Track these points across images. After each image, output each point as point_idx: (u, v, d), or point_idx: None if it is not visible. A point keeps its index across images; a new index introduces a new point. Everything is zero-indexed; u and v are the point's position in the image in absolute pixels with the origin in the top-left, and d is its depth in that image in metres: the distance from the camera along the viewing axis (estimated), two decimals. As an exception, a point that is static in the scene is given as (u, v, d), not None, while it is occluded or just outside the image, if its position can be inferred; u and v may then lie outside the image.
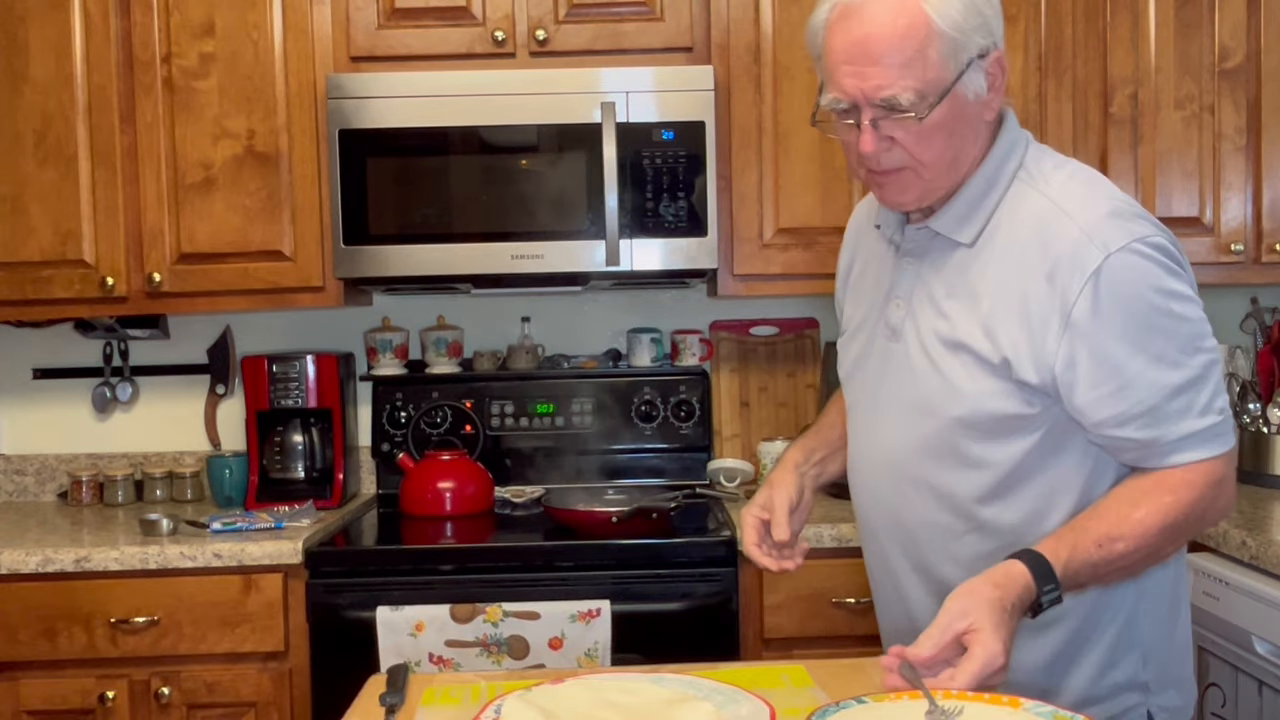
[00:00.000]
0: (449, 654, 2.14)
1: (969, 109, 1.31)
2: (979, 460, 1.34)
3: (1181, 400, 1.25)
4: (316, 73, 2.50)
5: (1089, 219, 1.27)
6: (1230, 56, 2.55)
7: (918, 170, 1.32)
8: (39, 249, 2.50)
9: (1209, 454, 1.26)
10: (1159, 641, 1.41)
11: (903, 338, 1.40)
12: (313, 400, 2.66)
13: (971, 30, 1.29)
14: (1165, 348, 1.25)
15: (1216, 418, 1.26)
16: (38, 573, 2.23)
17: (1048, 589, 1.21)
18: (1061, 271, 1.26)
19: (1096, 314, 1.25)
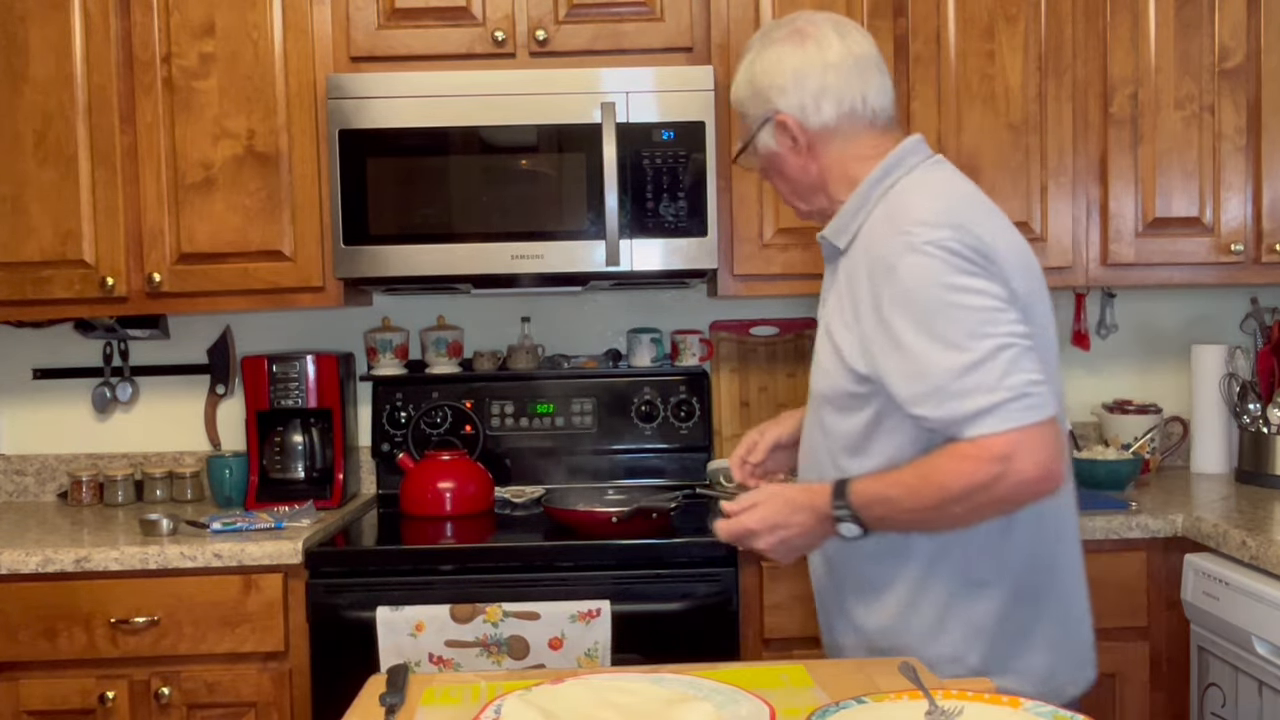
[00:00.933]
0: (449, 654, 2.14)
1: (776, 160, 1.64)
2: (831, 430, 1.58)
3: (969, 380, 1.38)
4: (316, 73, 2.50)
5: (901, 225, 1.47)
6: (1230, 56, 2.55)
7: (786, 198, 1.72)
8: (39, 249, 2.50)
9: (995, 429, 1.37)
10: (994, 622, 1.53)
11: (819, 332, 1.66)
12: (313, 400, 2.66)
13: (746, 101, 1.65)
14: (950, 333, 1.40)
15: (1005, 394, 1.37)
16: (38, 573, 2.23)
17: (838, 504, 1.48)
18: (876, 270, 1.47)
19: (894, 307, 1.44)
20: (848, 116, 1.58)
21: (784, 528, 1.53)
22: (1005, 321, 1.40)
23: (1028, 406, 1.36)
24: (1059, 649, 1.57)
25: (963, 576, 1.53)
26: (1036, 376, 1.38)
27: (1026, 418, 1.36)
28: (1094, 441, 2.79)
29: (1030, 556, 1.54)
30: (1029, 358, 1.39)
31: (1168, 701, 2.30)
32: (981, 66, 2.54)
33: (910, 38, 2.54)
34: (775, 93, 1.60)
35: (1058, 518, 1.57)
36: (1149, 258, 2.58)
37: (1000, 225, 1.53)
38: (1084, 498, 2.39)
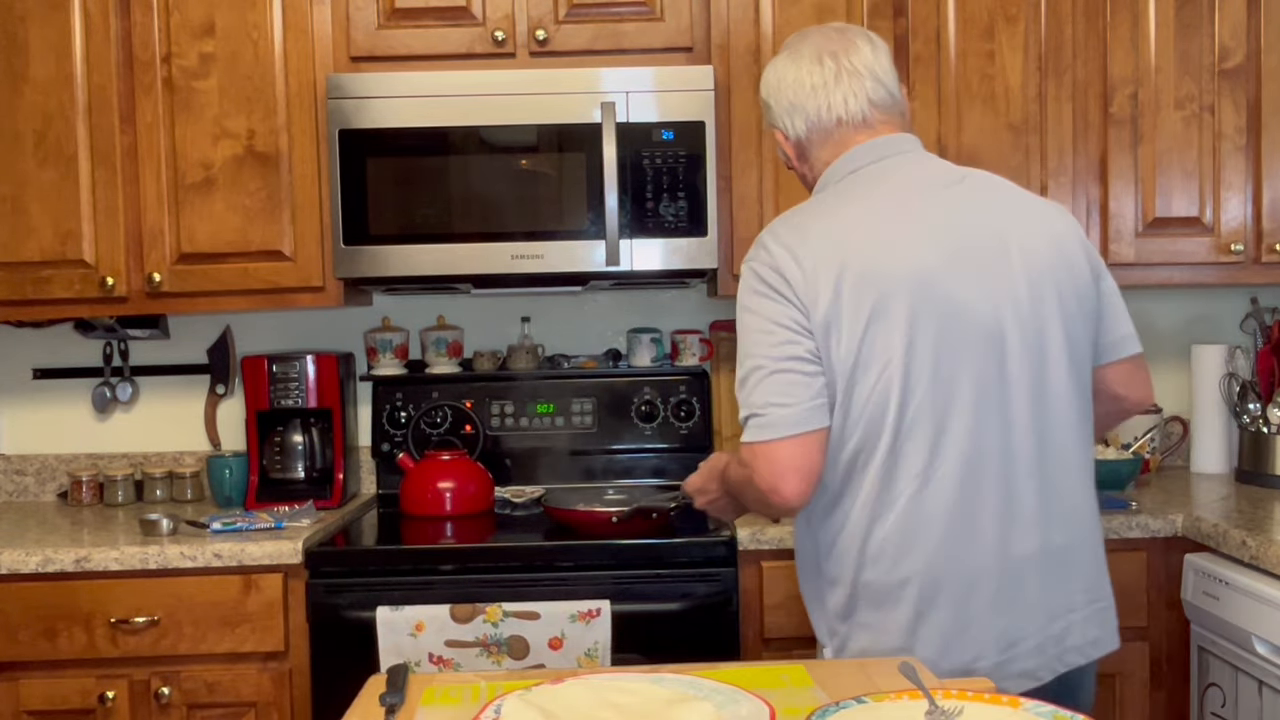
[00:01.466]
0: (449, 654, 2.14)
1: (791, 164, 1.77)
2: None
3: (739, 393, 1.58)
4: (316, 73, 2.50)
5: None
6: (1230, 56, 2.55)
7: None
8: (39, 249, 2.50)
9: (744, 439, 1.56)
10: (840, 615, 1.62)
11: None
12: (313, 400, 2.66)
13: (765, 117, 1.78)
14: (739, 349, 1.59)
15: (747, 411, 1.55)
16: (38, 573, 2.23)
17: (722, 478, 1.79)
18: None
19: None
20: (815, 128, 1.69)
21: (705, 492, 1.86)
22: (768, 344, 1.54)
23: (759, 425, 1.53)
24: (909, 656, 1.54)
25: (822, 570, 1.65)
26: (774, 399, 1.51)
27: (758, 435, 1.53)
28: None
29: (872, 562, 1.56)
30: (775, 381, 1.52)
31: (1168, 701, 2.30)
32: (981, 66, 2.54)
33: (910, 38, 2.54)
34: (766, 110, 1.76)
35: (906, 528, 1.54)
36: (1149, 258, 2.58)
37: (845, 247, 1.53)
38: (1084, 498, 2.40)
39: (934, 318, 1.51)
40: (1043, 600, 1.58)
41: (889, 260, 1.53)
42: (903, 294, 1.51)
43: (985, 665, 1.55)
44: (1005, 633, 1.55)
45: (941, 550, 1.54)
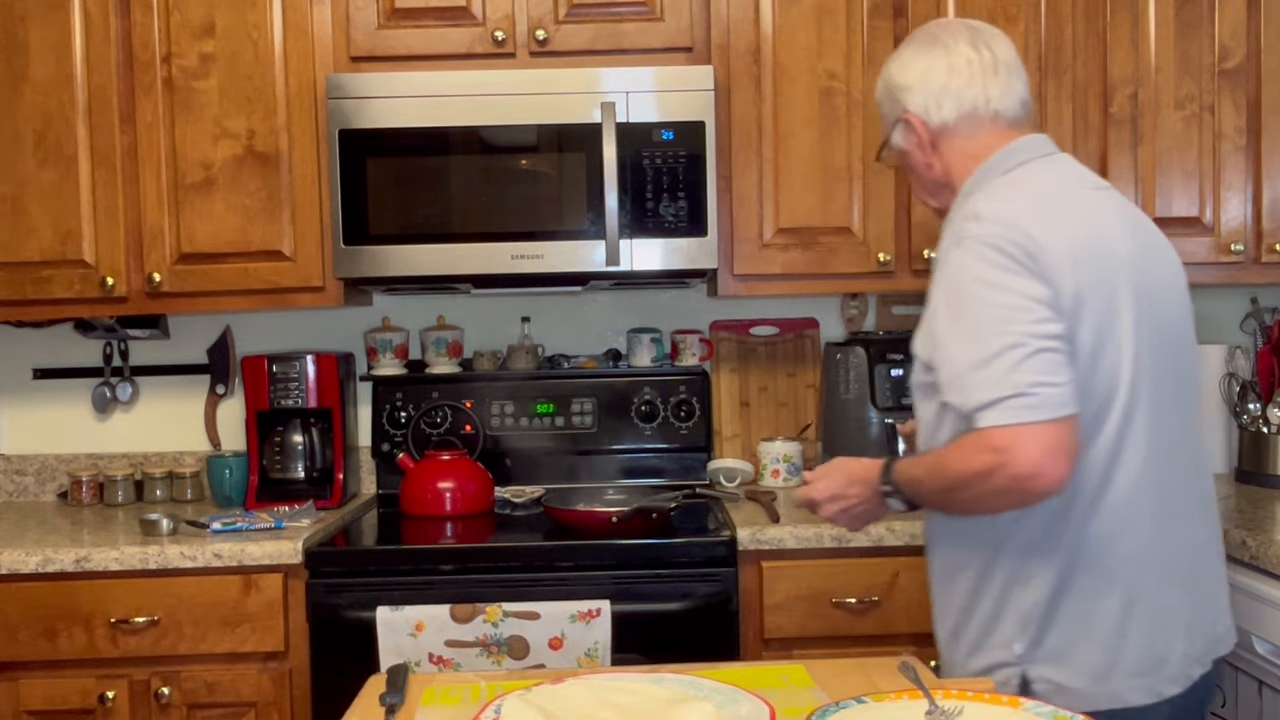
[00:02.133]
0: (449, 654, 2.14)
1: (907, 154, 1.73)
2: (919, 417, 1.66)
3: (980, 374, 1.43)
4: (316, 73, 2.50)
5: (962, 221, 1.55)
6: (1230, 56, 2.55)
7: (917, 193, 1.79)
8: (39, 249, 2.50)
9: (996, 422, 1.41)
10: (1043, 610, 1.53)
11: None
12: (313, 400, 2.66)
13: (884, 102, 1.74)
14: (970, 327, 1.46)
15: (1008, 391, 1.40)
16: (38, 573, 2.23)
17: (884, 481, 1.60)
18: (935, 265, 1.59)
19: (939, 299, 1.52)
20: (968, 116, 1.65)
21: (842, 498, 1.67)
22: (1027, 321, 1.43)
23: (1028, 405, 1.39)
24: (1116, 650, 1.52)
25: (1020, 566, 1.54)
26: (1045, 378, 1.41)
27: (1024, 416, 1.39)
28: (1094, 441, 2.78)
29: (1083, 552, 1.52)
30: (1041, 359, 1.41)
31: (1168, 701, 2.29)
32: (981, 66, 2.54)
33: (910, 38, 2.54)
34: (904, 93, 1.68)
35: (1128, 518, 1.52)
36: (1149, 258, 2.57)
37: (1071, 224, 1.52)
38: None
39: (1145, 304, 1.54)
40: (1211, 591, 1.63)
41: (1106, 244, 1.53)
42: (1124, 278, 1.52)
43: (1178, 654, 1.55)
44: (1191, 622, 1.58)
45: (1151, 539, 1.54)
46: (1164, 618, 1.54)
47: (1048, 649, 1.53)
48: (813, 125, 2.53)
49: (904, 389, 2.57)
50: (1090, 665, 1.51)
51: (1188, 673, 1.55)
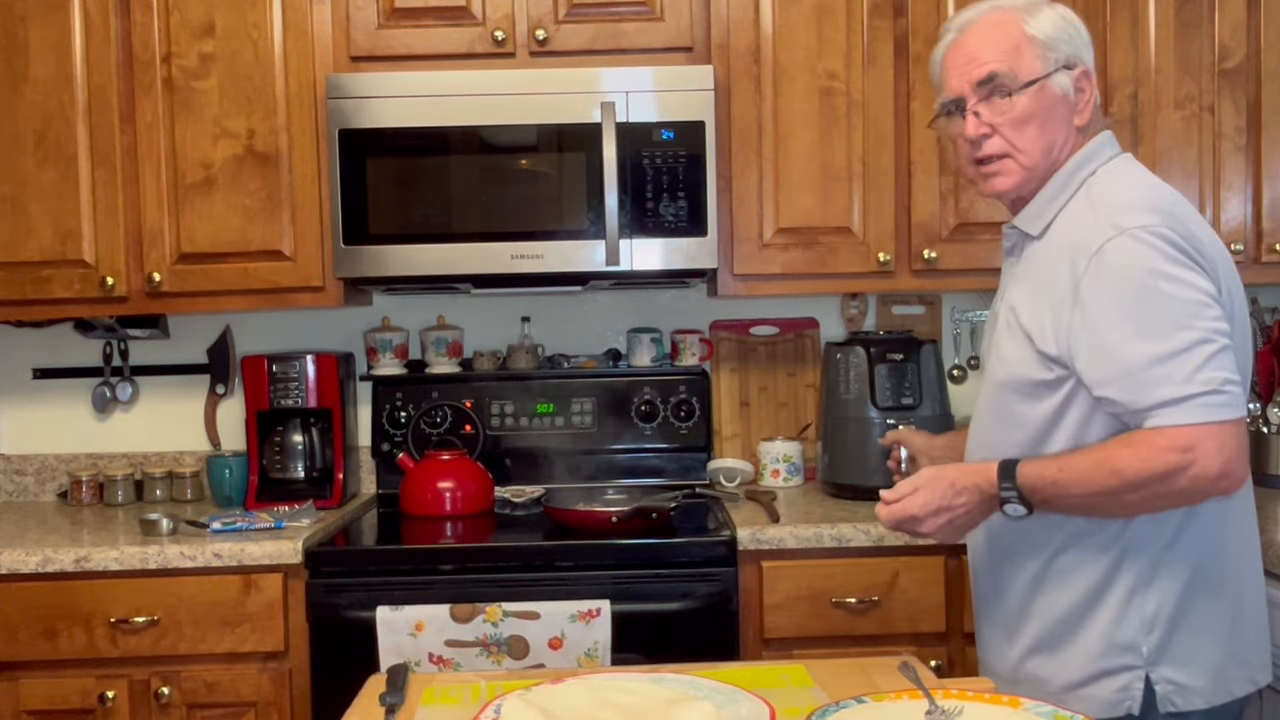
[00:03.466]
0: (449, 654, 2.14)
1: (1059, 107, 1.56)
2: (1021, 418, 1.55)
3: (1161, 369, 1.38)
4: (316, 73, 2.50)
5: (1108, 211, 1.48)
6: (1230, 56, 2.55)
7: (1015, 157, 1.57)
8: (39, 249, 2.50)
9: (1183, 420, 1.36)
10: (1171, 611, 1.49)
11: (996, 324, 1.65)
12: (313, 400, 2.66)
13: (1061, 40, 1.56)
14: (1150, 321, 1.40)
15: (1199, 389, 1.36)
16: (38, 572, 2.23)
17: (1005, 485, 1.46)
18: (1079, 254, 1.47)
19: (1096, 289, 1.44)
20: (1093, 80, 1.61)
21: (949, 510, 1.51)
22: (1209, 317, 1.40)
23: (1220, 404, 1.36)
24: (1229, 644, 1.53)
25: (1148, 568, 1.51)
26: (1233, 376, 1.39)
27: (1216, 414, 1.36)
28: (1094, 441, 2.78)
29: (1209, 550, 1.51)
30: (1227, 356, 1.39)
31: (1168, 701, 2.29)
32: (981, 66, 2.54)
33: (910, 37, 2.54)
34: (1085, 48, 1.60)
35: (1238, 514, 1.54)
36: (1149, 257, 2.57)
37: (1205, 223, 1.55)
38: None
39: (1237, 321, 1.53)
40: None
41: (1220, 244, 1.55)
42: (1234, 278, 1.54)
43: (1264, 658, 1.58)
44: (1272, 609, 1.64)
45: (1252, 534, 1.58)
46: (1263, 608, 1.59)
47: (1175, 650, 1.50)
48: (812, 125, 2.53)
49: (904, 388, 2.56)
50: (1211, 663, 1.50)
51: (1274, 659, 1.61)
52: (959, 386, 2.90)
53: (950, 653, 2.29)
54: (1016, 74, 1.54)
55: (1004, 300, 1.64)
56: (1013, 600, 1.61)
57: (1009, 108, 1.55)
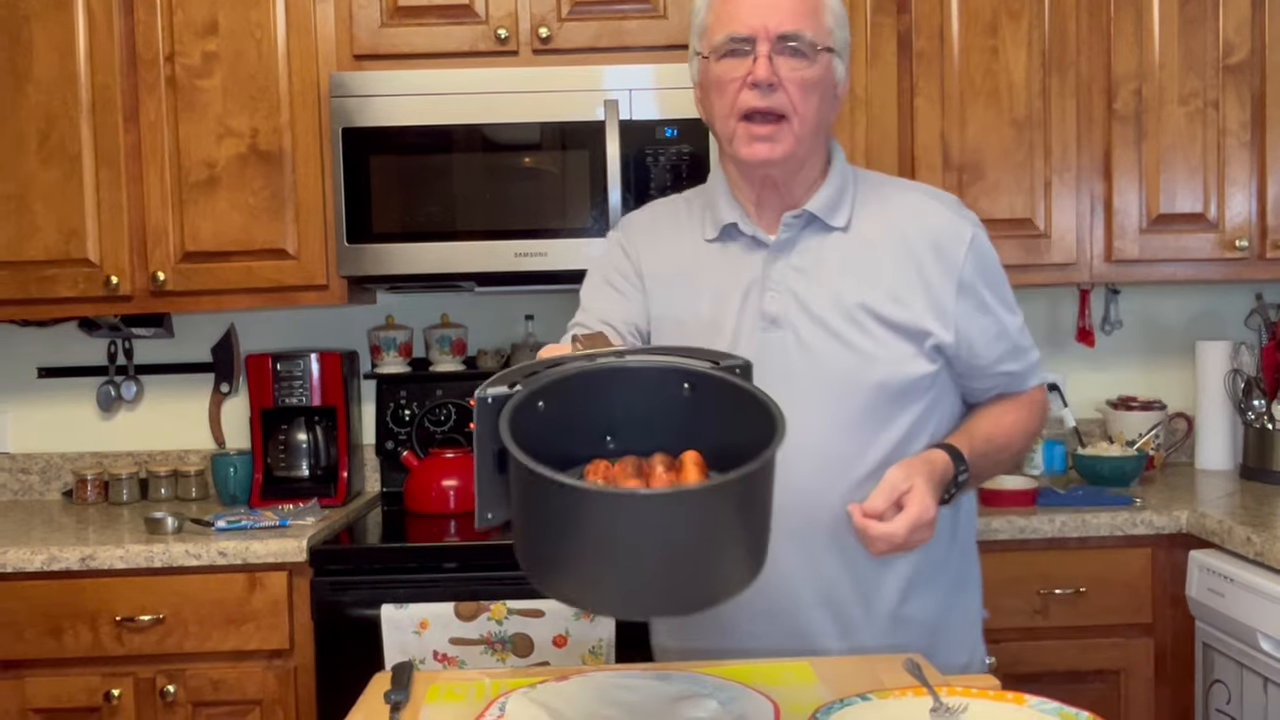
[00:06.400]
0: (453, 652, 2.15)
1: (835, 88, 1.53)
2: (892, 423, 1.49)
3: (1025, 338, 1.58)
4: (320, 71, 2.50)
5: (950, 205, 1.56)
6: (1235, 52, 2.54)
7: (793, 123, 1.47)
8: (43, 248, 2.51)
9: (1042, 380, 1.63)
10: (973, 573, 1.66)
11: (786, 324, 1.50)
12: (317, 398, 2.66)
13: (843, 25, 1.52)
14: (1008, 298, 1.57)
15: (1036, 352, 1.61)
16: (43, 571, 2.23)
17: (961, 469, 1.44)
18: (947, 244, 1.51)
19: (976, 277, 1.51)
20: None
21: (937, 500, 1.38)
22: None
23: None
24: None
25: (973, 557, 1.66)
26: None
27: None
28: (1098, 438, 2.78)
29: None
30: None
31: (1173, 698, 2.29)
32: (985, 62, 2.54)
33: (914, 34, 2.54)
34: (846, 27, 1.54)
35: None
36: (1153, 254, 2.57)
37: None
38: (1088, 494, 2.40)
39: None
40: None
41: None
42: None
43: None
44: None
45: None
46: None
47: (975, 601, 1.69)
48: (816, 122, 2.52)
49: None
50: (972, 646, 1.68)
51: None
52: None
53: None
54: (816, 42, 1.47)
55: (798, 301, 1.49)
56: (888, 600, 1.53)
57: (803, 68, 1.46)
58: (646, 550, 0.96)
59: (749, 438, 1.04)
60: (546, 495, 0.97)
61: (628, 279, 1.63)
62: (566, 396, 1.11)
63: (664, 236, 1.64)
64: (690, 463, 1.08)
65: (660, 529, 0.96)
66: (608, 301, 1.62)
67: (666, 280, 1.59)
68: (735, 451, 1.03)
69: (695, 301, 1.55)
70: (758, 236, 1.54)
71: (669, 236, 1.63)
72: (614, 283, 1.65)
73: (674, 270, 1.59)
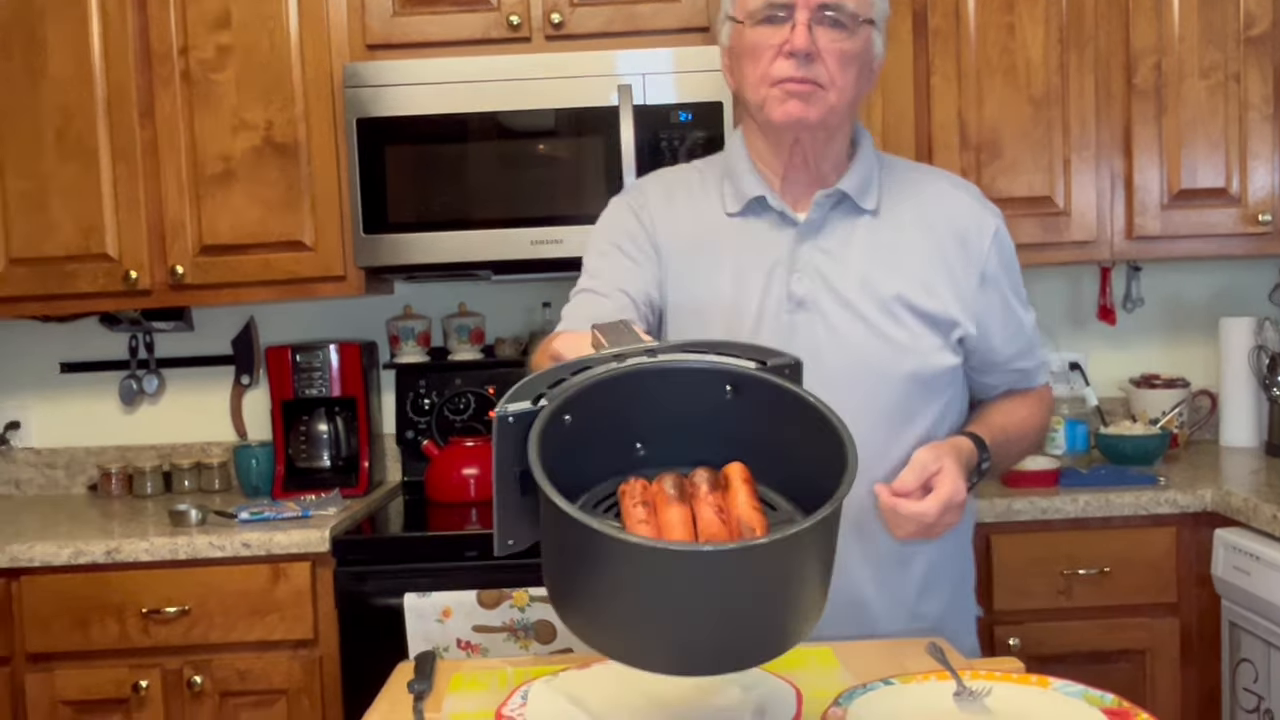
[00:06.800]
0: (476, 639, 2.15)
1: (872, 62, 1.48)
2: (919, 417, 1.46)
3: (1037, 335, 1.59)
4: (333, 62, 2.50)
5: (974, 195, 1.55)
6: (1256, 24, 2.50)
7: (830, 91, 1.42)
8: (62, 244, 2.52)
9: (1048, 378, 1.65)
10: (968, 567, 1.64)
11: (814, 308, 1.45)
12: (336, 389, 2.67)
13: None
14: (1024, 295, 1.57)
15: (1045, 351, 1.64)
16: (70, 565, 2.25)
17: (984, 456, 1.43)
18: (973, 236, 1.49)
19: (999, 269, 1.51)
20: None
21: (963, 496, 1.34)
22: None
23: None
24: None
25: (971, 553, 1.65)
26: None
27: None
28: (1121, 416, 2.76)
29: None
30: None
31: (1199, 677, 2.28)
32: (1002, 40, 2.51)
33: (929, 12, 2.51)
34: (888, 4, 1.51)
35: None
36: (1175, 230, 2.54)
37: None
38: (1112, 473, 2.39)
39: None
40: None
41: None
42: None
43: None
44: None
45: None
46: None
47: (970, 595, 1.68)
48: (831, 103, 2.50)
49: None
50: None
51: None
52: (983, 364, 2.87)
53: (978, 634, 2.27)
54: (858, 14, 1.42)
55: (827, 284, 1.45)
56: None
57: (843, 39, 1.41)
58: (708, 609, 0.86)
59: (801, 448, 0.95)
60: (593, 547, 0.86)
61: (639, 246, 1.52)
62: (593, 404, 0.97)
63: (680, 206, 1.54)
64: (737, 480, 0.97)
65: (725, 584, 0.85)
66: (620, 269, 1.50)
67: (683, 253, 1.51)
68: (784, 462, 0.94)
69: (714, 278, 1.49)
70: (786, 213, 1.49)
71: (685, 207, 1.54)
72: (624, 248, 1.52)
73: (691, 243, 1.51)
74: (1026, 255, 2.54)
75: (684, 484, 0.98)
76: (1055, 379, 2.87)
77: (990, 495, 2.28)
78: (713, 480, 0.97)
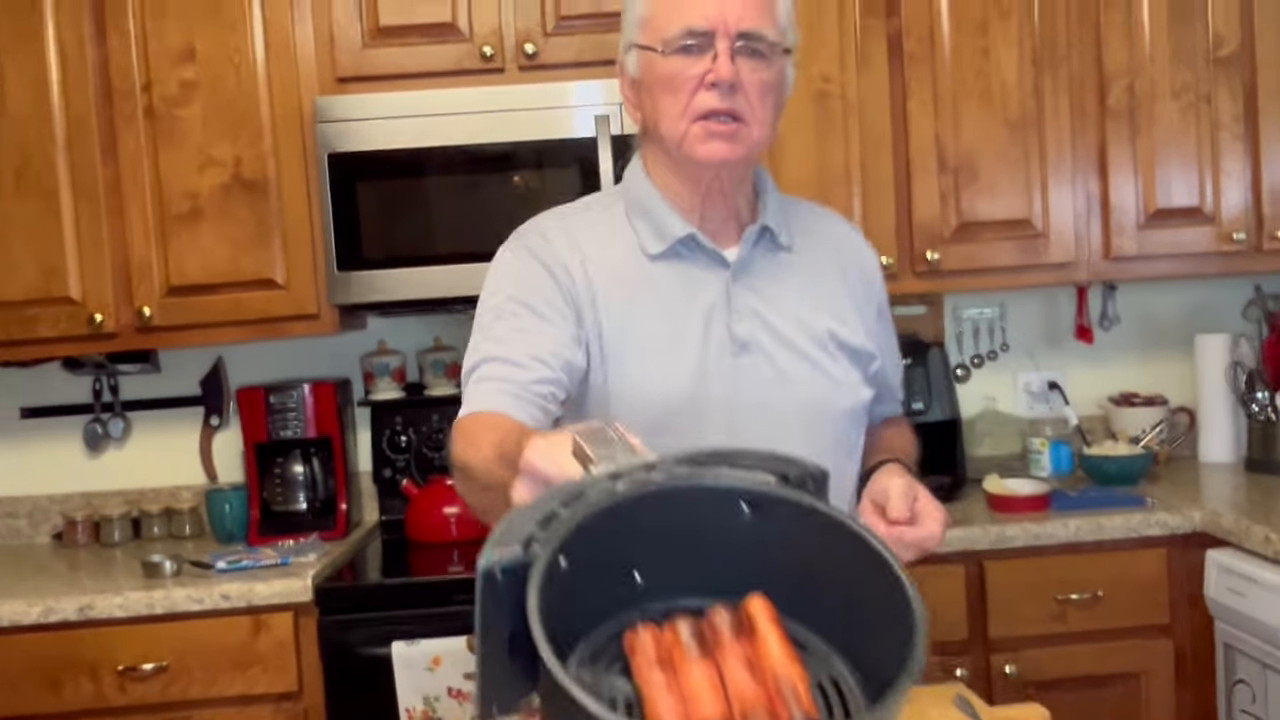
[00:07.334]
0: (468, 687, 2.10)
1: (785, 93, 1.41)
2: (855, 450, 1.45)
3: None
4: (302, 95, 2.44)
5: (859, 232, 1.58)
6: (1225, 44, 2.53)
7: (752, 126, 1.35)
8: (23, 287, 2.43)
9: None
10: None
11: (757, 350, 1.38)
12: (311, 430, 2.60)
13: (794, 26, 1.40)
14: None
15: None
16: (40, 624, 2.16)
17: None
18: (868, 270, 1.52)
19: (885, 301, 1.55)
20: None
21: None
22: None
23: None
24: None
25: None
26: None
27: None
28: (1101, 435, 2.76)
29: None
30: None
31: (1194, 700, 2.27)
32: (976, 63, 2.51)
33: (904, 36, 2.51)
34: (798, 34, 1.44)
35: None
36: (1151, 249, 2.56)
37: None
38: (1100, 495, 2.38)
39: None
40: None
41: None
42: None
43: None
44: None
45: None
46: None
47: None
48: (808, 129, 2.49)
49: (913, 393, 2.53)
50: None
51: None
52: (963, 385, 2.87)
53: (974, 662, 2.26)
54: (777, 43, 1.35)
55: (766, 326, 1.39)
56: None
57: (762, 69, 1.33)
58: None
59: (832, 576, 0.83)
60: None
61: (550, 303, 1.38)
62: (590, 539, 0.82)
63: (591, 251, 1.41)
64: (764, 621, 0.82)
65: None
66: (532, 333, 1.35)
67: (609, 302, 1.38)
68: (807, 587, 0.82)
69: (647, 325, 1.37)
70: (717, 253, 1.40)
71: (596, 251, 1.41)
72: (535, 307, 1.37)
73: (615, 289, 1.38)
74: (1006, 278, 2.57)
75: (703, 628, 0.83)
76: (1035, 399, 2.89)
77: (983, 522, 2.27)
78: (735, 623, 0.82)
